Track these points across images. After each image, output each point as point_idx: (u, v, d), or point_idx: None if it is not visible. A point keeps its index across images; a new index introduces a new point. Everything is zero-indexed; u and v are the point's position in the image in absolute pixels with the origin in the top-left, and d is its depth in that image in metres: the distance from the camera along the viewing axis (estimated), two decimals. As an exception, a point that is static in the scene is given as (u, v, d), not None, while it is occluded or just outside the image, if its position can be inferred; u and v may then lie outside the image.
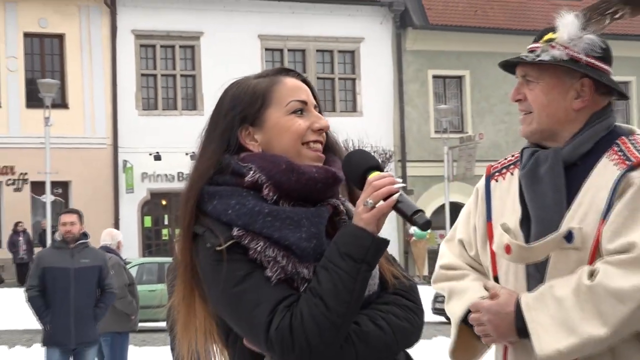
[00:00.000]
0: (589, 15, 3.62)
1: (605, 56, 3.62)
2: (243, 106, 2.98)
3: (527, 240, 3.49)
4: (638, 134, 3.61)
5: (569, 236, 3.39)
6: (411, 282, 3.06)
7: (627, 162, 3.44)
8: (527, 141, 3.71)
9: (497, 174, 3.77)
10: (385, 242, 2.85)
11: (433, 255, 34.59)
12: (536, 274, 3.48)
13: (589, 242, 3.38)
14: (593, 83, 3.54)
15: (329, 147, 3.10)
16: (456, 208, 33.53)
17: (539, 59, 3.54)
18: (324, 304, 2.76)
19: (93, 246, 12.29)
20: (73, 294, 10.22)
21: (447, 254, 3.87)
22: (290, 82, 3.06)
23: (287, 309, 2.77)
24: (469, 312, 3.54)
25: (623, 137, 3.54)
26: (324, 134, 3.04)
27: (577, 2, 38.02)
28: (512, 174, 3.70)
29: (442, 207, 36.26)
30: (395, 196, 2.73)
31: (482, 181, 3.83)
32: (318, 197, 2.96)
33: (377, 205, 2.73)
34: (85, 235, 10.73)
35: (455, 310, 3.65)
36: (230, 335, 2.97)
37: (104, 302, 10.89)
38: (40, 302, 10.27)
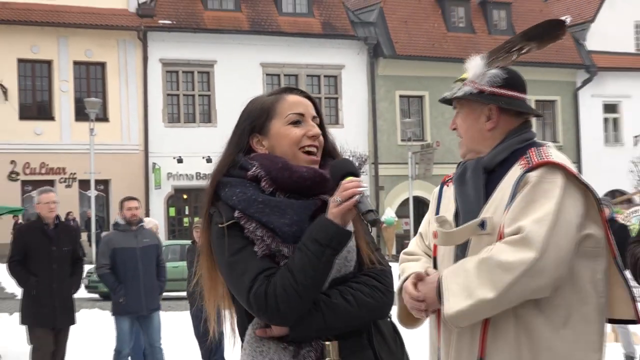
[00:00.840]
0: (493, 54, 3.71)
1: (509, 83, 3.69)
2: (253, 118, 3.12)
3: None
4: (547, 146, 3.71)
5: (482, 224, 3.51)
6: (384, 268, 3.11)
7: (529, 165, 3.56)
8: None
9: (449, 181, 3.87)
10: (347, 233, 2.93)
11: (399, 238, 36.84)
12: (461, 255, 3.60)
13: (497, 228, 3.48)
14: (499, 108, 3.65)
15: (328, 151, 3.18)
16: (418, 201, 36.34)
17: (455, 95, 3.75)
18: (293, 277, 2.87)
19: (147, 228, 12.54)
20: (141, 269, 10.19)
21: (411, 243, 4.01)
22: (291, 98, 3.16)
23: (266, 278, 2.89)
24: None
25: (533, 148, 3.63)
26: (321, 139, 3.14)
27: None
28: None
29: (407, 200, 36.84)
30: (356, 197, 2.85)
31: (438, 187, 3.96)
32: (309, 192, 3.05)
33: (343, 203, 2.86)
34: (141, 219, 10.77)
35: (399, 283, 3.68)
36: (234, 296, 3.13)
37: (163, 275, 10.91)
38: (112, 278, 10.14)
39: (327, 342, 2.92)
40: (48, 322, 9.54)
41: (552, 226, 3.32)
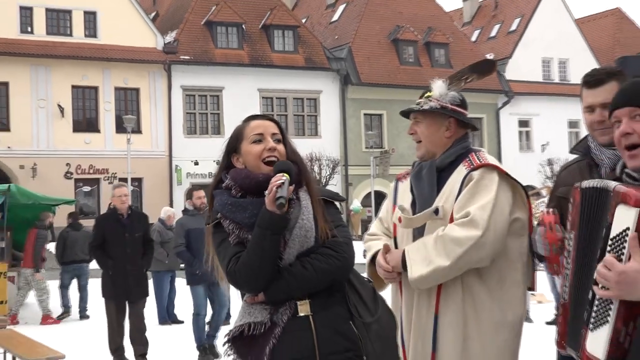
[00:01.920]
0: (450, 80, 3.62)
1: (462, 104, 3.61)
2: (231, 142, 3.09)
3: (414, 214, 3.51)
4: (483, 152, 3.62)
5: (436, 211, 3.42)
6: (339, 239, 2.95)
7: (471, 166, 3.47)
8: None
9: (402, 178, 3.75)
10: (280, 217, 2.82)
11: (363, 222, 35.96)
12: (418, 235, 3.48)
13: (448, 214, 3.39)
14: (456, 121, 3.56)
15: (289, 157, 3.04)
16: (378, 194, 35.20)
17: (423, 107, 3.56)
18: (247, 256, 2.84)
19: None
20: None
21: (373, 226, 3.86)
22: (254, 123, 3.07)
23: (236, 259, 2.87)
24: (375, 259, 3.58)
25: (473, 153, 3.54)
26: (280, 150, 3.02)
27: (451, 70, 40.74)
28: (408, 178, 3.71)
29: (370, 193, 36.65)
30: (274, 188, 2.77)
31: (393, 182, 3.82)
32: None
33: (268, 195, 2.79)
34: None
35: (368, 257, 3.63)
36: None
37: None
38: (188, 255, 9.63)
39: (299, 302, 2.86)
40: (122, 298, 9.24)
41: (491, 211, 3.28)
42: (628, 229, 2.21)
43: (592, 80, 3.18)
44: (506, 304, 3.39)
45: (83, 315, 14.75)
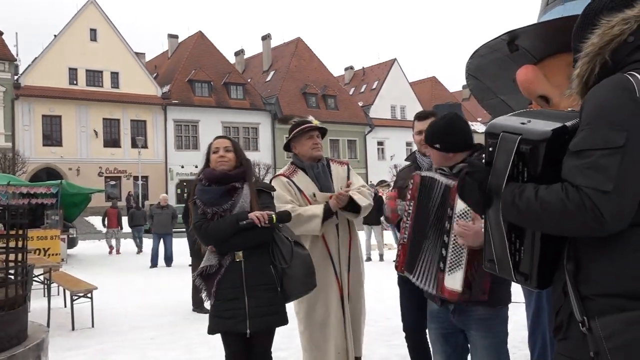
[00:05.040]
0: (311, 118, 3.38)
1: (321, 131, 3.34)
2: (207, 153, 2.89)
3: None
4: (337, 158, 3.54)
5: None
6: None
7: (343, 164, 3.41)
8: (315, 159, 3.32)
9: (291, 174, 3.32)
10: (241, 215, 2.69)
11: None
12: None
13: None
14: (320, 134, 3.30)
15: (242, 162, 2.87)
16: None
17: (321, 127, 3.33)
18: (219, 227, 2.71)
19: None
20: None
21: (281, 202, 3.15)
22: (216, 141, 2.90)
23: (201, 222, 2.72)
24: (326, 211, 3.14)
25: (334, 158, 3.45)
26: (229, 157, 2.82)
27: (338, 111, 40.80)
28: (297, 174, 3.30)
29: None
30: (263, 217, 2.68)
31: (284, 179, 3.30)
32: (223, 182, 2.78)
33: (253, 218, 2.65)
34: None
35: (316, 211, 3.14)
36: None
37: None
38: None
39: (237, 252, 2.75)
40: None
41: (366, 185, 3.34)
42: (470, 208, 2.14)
43: (421, 116, 3.18)
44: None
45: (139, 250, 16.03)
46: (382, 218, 9.67)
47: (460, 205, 2.16)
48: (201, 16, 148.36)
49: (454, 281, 2.18)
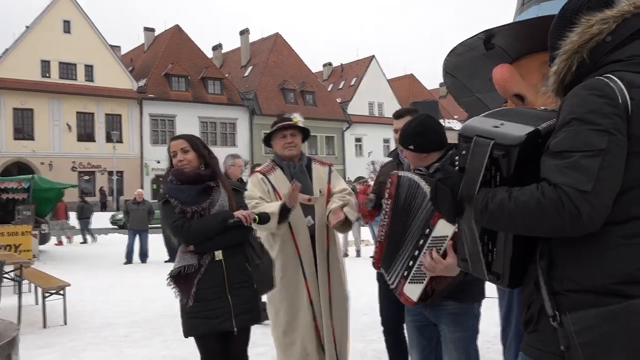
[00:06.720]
0: (296, 116, 3.30)
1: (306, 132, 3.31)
2: (168, 155, 2.86)
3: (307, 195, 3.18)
4: (319, 158, 3.43)
5: (320, 191, 3.21)
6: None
7: (326, 165, 3.36)
8: (290, 157, 3.25)
9: (268, 172, 3.26)
10: (227, 214, 2.69)
11: None
12: (311, 208, 3.20)
13: (325, 193, 3.21)
14: (302, 138, 3.28)
15: (207, 163, 2.82)
16: None
17: (301, 125, 3.26)
18: (202, 225, 2.66)
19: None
20: None
21: (252, 198, 3.14)
22: (172, 144, 2.84)
23: (182, 221, 2.67)
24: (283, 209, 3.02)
25: (313, 158, 3.37)
26: (188, 157, 2.76)
27: (316, 107, 41.24)
28: (275, 171, 3.24)
29: None
30: (250, 216, 2.71)
31: (260, 175, 3.25)
32: (194, 182, 2.74)
33: (239, 216, 2.66)
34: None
35: (273, 209, 3.01)
36: None
37: None
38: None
39: (216, 251, 2.73)
40: None
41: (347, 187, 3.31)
42: (447, 236, 2.12)
43: (398, 114, 3.20)
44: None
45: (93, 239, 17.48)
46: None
47: (438, 230, 2.16)
48: (179, 10, 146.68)
49: (412, 291, 2.23)
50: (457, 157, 1.35)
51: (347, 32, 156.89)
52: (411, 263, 2.23)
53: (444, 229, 2.14)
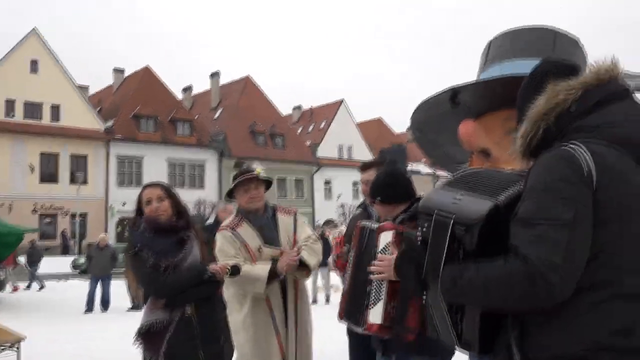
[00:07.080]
0: (257, 164, 3.25)
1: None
2: (137, 204, 2.81)
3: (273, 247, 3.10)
4: (279, 204, 3.36)
5: (289, 245, 3.12)
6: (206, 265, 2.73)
7: (290, 213, 3.27)
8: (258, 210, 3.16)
9: (235, 227, 3.12)
10: (202, 267, 2.69)
11: None
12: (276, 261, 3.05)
13: (292, 242, 3.13)
14: (266, 187, 3.17)
15: (180, 211, 2.78)
16: None
17: (266, 178, 3.17)
18: (177, 280, 2.63)
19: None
20: None
21: (225, 255, 3.03)
22: (145, 191, 2.78)
23: (156, 274, 2.61)
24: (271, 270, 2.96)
25: (276, 206, 3.28)
26: (164, 206, 2.72)
27: (285, 150, 41.30)
28: (242, 225, 3.11)
29: None
30: (224, 269, 2.71)
31: (228, 231, 3.09)
32: (170, 232, 2.69)
33: (216, 271, 2.65)
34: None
35: (261, 273, 2.94)
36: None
37: None
38: None
39: (187, 305, 2.69)
40: None
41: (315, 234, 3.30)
42: (390, 242, 2.25)
43: (363, 166, 3.31)
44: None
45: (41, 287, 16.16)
46: (329, 259, 9.40)
47: (383, 242, 2.26)
48: (148, 52, 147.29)
49: (374, 314, 2.26)
50: (419, 229, 1.35)
51: (317, 76, 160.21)
52: (368, 288, 2.29)
53: (385, 238, 2.28)
